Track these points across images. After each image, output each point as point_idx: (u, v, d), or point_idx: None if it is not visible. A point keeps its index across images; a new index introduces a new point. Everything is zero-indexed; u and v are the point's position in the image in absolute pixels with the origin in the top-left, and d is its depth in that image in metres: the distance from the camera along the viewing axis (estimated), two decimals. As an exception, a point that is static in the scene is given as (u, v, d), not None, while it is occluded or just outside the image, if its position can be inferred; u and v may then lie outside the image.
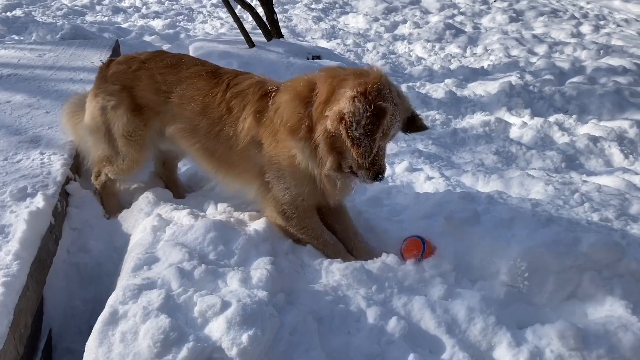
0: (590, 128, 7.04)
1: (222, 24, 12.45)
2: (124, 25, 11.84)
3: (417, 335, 3.14)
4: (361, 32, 12.98)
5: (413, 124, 3.39)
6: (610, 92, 8.11)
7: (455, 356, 3.00)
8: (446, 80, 9.10)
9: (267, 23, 9.75)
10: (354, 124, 2.97)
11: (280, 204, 3.48)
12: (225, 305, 2.66)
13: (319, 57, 9.54)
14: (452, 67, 10.19)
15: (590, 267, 3.49)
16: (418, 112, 3.54)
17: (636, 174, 5.79)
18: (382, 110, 3.00)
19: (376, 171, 3.19)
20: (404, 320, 3.11)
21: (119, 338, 2.53)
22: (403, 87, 8.66)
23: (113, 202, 4.06)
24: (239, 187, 3.72)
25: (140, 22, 12.52)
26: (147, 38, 10.35)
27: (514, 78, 8.83)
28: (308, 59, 9.35)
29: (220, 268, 3.08)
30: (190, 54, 9.02)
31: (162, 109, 3.74)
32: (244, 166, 3.58)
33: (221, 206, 3.82)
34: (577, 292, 3.42)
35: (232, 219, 3.60)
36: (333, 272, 3.39)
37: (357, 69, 3.28)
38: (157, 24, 12.25)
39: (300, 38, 12.06)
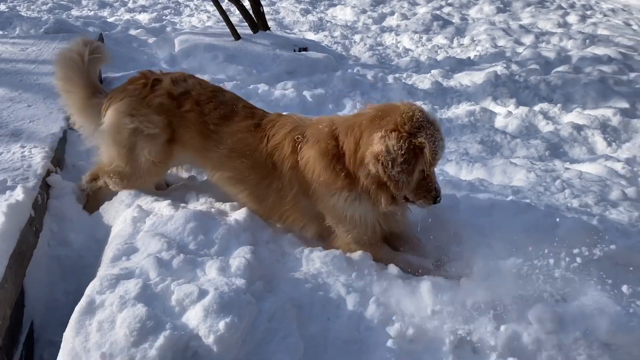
0: (574, 117, 7.08)
1: (208, 17, 12.40)
2: (110, 20, 11.77)
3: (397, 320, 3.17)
4: (349, 24, 12.96)
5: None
6: (595, 81, 8.15)
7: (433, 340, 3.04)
8: (433, 71, 9.11)
9: (253, 15, 9.73)
10: (389, 162, 3.05)
11: (347, 244, 3.53)
12: (202, 293, 2.68)
13: (305, 49, 9.53)
14: (439, 58, 10.20)
15: (568, 251, 3.52)
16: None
17: (618, 161, 5.83)
18: (421, 144, 3.08)
19: (434, 196, 3.29)
20: (383, 307, 3.13)
21: (95, 327, 2.53)
22: (390, 79, 8.68)
23: (96, 205, 4.01)
24: (296, 229, 3.74)
25: (127, 16, 12.44)
26: (132, 32, 10.29)
27: (499, 68, 8.86)
28: (295, 50, 9.33)
29: (200, 257, 3.09)
30: (176, 47, 9.01)
31: (210, 155, 3.75)
32: (299, 214, 3.63)
33: (202, 197, 3.82)
34: (554, 276, 3.44)
35: (212, 210, 3.61)
36: (314, 260, 3.41)
37: (375, 108, 3.31)
38: (143, 17, 12.18)
39: (287, 30, 12.03)
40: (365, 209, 3.40)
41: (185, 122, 3.72)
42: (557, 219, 3.64)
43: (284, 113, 3.84)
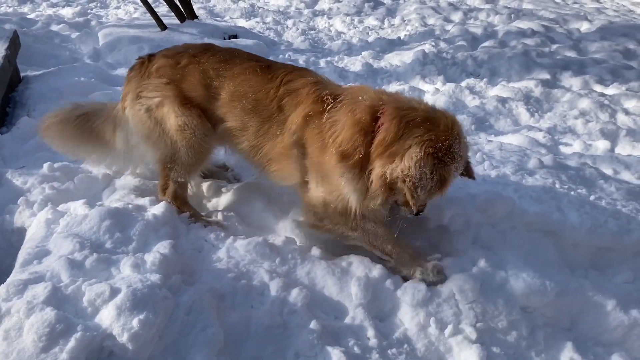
0: (499, 90, 7.27)
1: (135, 9, 12.02)
2: (31, 16, 11.23)
3: (321, 302, 3.20)
4: (281, 9, 12.84)
5: (464, 172, 3.29)
6: (519, 54, 8.39)
7: (357, 318, 3.09)
8: (363, 53, 9.16)
9: (179, 4, 9.50)
10: (419, 187, 2.93)
11: (312, 205, 3.41)
12: (114, 291, 2.63)
13: (235, 37, 9.39)
14: (370, 39, 10.26)
15: (486, 221, 3.64)
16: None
17: (540, 130, 6.04)
18: (447, 178, 2.99)
19: (420, 210, 3.20)
20: (307, 289, 3.16)
21: (2, 336, 2.45)
22: (322, 63, 8.68)
23: (190, 208, 3.80)
24: (277, 180, 3.63)
25: (49, 11, 11.91)
26: (54, 27, 9.86)
27: (427, 46, 8.99)
28: (224, 38, 9.18)
29: (115, 256, 3.02)
30: (100, 41, 8.72)
31: (213, 105, 3.58)
32: (285, 162, 3.47)
33: (119, 193, 3.74)
34: (475, 244, 3.55)
35: (130, 206, 3.53)
36: (236, 249, 3.40)
37: (429, 110, 3.09)
38: (66, 12, 11.69)
39: (218, 19, 11.82)
40: (357, 193, 3.24)
41: (185, 75, 3.57)
42: (474, 191, 3.74)
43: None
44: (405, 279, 3.31)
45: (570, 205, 3.83)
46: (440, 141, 2.93)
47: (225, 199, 3.99)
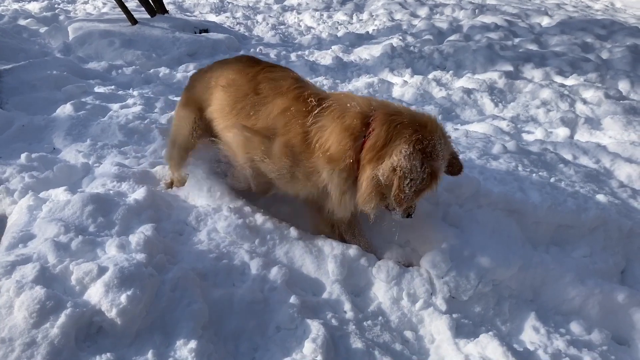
0: (464, 81, 7.52)
1: (104, 4, 11.94)
2: (-4, 11, 11.08)
3: (299, 279, 3.35)
4: (250, 4, 12.91)
5: (451, 166, 3.31)
6: (483, 47, 8.68)
7: (334, 294, 3.25)
8: (333, 47, 9.33)
9: (149, -1, 9.51)
10: (408, 180, 2.95)
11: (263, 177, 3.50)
12: (102, 270, 2.72)
13: (206, 31, 9.44)
14: (339, 34, 10.43)
15: (454, 201, 3.84)
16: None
17: (504, 119, 6.30)
18: (436, 172, 3.05)
19: (409, 212, 3.29)
20: (286, 268, 3.30)
21: (-7, 314, 2.52)
22: (293, 57, 8.81)
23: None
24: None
25: (15, 5, 11.73)
26: (22, 22, 9.75)
27: (395, 40, 9.21)
28: (195, 33, 9.23)
29: (99, 238, 3.12)
30: (70, 35, 8.66)
31: (205, 96, 3.74)
32: (256, 144, 3.44)
33: (98, 181, 3.81)
34: (444, 222, 3.74)
35: (111, 192, 3.61)
36: (217, 231, 3.52)
37: (415, 113, 3.17)
38: (33, 7, 11.53)
39: (188, 13, 11.83)
40: (343, 195, 3.28)
41: (195, 82, 3.95)
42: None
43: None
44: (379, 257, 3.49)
45: (532, 186, 4.06)
46: (427, 139, 3.01)
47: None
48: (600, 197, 4.13)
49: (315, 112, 3.23)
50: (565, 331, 3.27)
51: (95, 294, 2.65)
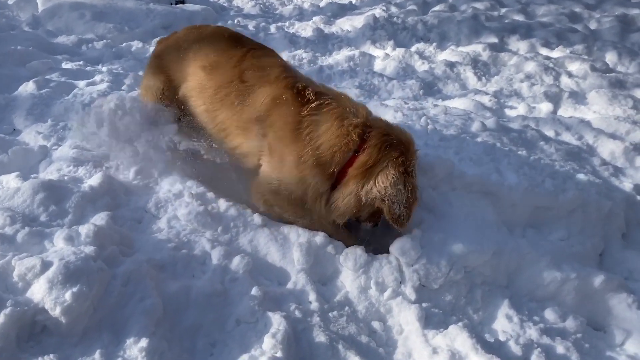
0: (448, 54, 7.30)
1: (78, -26, 11.52)
2: (-36, -19, 10.65)
3: (264, 268, 3.22)
4: (231, -27, 12.52)
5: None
6: (468, 18, 8.42)
7: (299, 283, 3.12)
8: (315, 18, 9.04)
9: (123, -31, 9.13)
10: (397, 204, 3.12)
11: (263, 191, 3.37)
12: (45, 265, 2.56)
13: (182, 2, 9.14)
14: (322, 4, 10.11)
15: (427, 183, 3.69)
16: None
17: (486, 94, 6.11)
18: (415, 185, 3.22)
19: (376, 222, 3.45)
20: (249, 257, 3.16)
21: None
22: (272, 28, 8.53)
23: None
24: (232, 155, 3.57)
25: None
26: (-12, -7, 9.38)
27: (378, 11, 8.93)
28: (171, 4, 8.92)
29: (49, 229, 2.95)
30: (39, 7, 8.32)
31: (177, 68, 3.64)
32: (244, 138, 3.41)
33: (55, 165, 3.63)
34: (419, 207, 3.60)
35: (66, 177, 3.43)
36: (178, 219, 3.36)
37: (401, 132, 3.30)
38: (3, -23, 11.12)
39: (166, -16, 11.44)
40: (321, 203, 3.30)
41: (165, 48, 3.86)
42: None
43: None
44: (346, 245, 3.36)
45: (509, 166, 3.92)
46: (408, 160, 3.18)
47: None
48: (581, 177, 4.00)
49: (313, 105, 3.22)
50: (539, 319, 3.17)
51: (38, 291, 2.49)
